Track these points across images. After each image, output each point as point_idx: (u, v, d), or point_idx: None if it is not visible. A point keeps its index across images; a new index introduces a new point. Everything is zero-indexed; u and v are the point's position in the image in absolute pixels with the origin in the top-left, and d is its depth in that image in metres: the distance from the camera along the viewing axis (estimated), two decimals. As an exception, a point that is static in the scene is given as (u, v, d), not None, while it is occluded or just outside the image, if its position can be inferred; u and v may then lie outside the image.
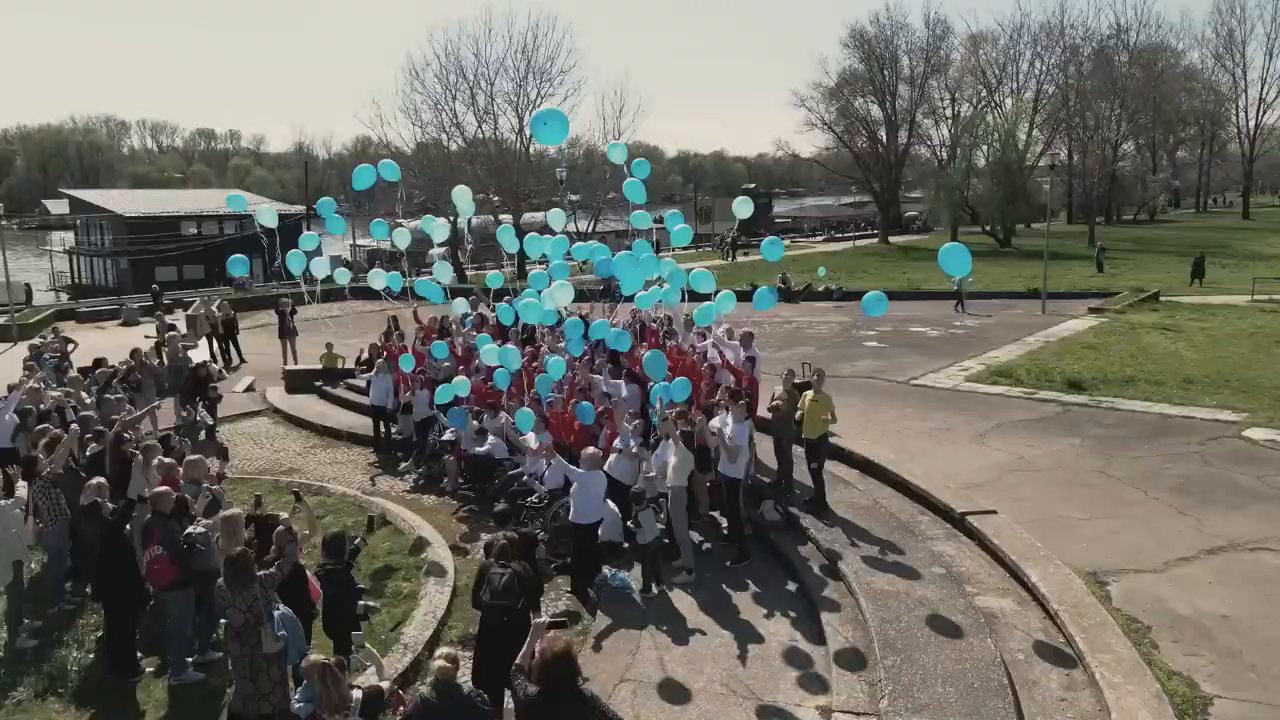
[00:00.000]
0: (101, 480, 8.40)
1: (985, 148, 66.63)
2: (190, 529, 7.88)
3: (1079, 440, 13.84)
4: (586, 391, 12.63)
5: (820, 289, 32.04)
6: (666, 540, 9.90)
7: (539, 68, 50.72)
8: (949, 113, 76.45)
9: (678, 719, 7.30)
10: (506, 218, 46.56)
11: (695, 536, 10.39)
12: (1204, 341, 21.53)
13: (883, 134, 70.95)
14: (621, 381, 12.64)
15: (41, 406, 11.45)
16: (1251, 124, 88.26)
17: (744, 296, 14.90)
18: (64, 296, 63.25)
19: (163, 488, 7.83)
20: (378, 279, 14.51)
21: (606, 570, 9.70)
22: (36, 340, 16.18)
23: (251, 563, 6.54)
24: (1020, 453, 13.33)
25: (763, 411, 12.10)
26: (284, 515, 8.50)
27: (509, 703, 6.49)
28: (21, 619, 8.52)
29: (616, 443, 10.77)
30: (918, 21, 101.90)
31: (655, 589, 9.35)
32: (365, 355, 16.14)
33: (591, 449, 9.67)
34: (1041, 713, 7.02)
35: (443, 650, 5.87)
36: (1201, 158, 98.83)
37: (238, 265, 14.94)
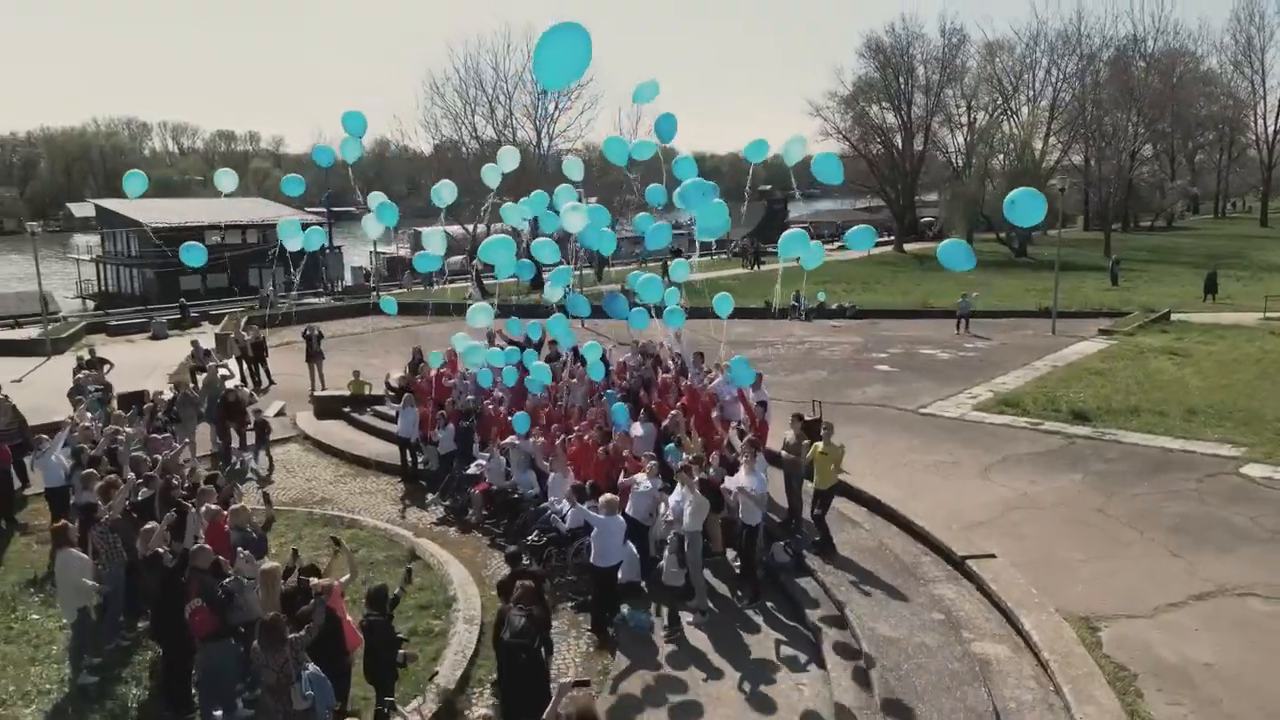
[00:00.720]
0: (160, 527, 9.03)
1: (1001, 156, 66.80)
2: (226, 581, 8.49)
3: (1081, 476, 14.31)
4: (605, 427, 13.23)
5: (834, 306, 32.50)
6: (682, 582, 10.48)
7: (557, 81, 51.25)
8: (965, 119, 76.65)
9: (691, 760, 7.88)
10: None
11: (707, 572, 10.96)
12: (1211, 367, 21.88)
13: (898, 140, 71.17)
14: (638, 421, 13.23)
15: (92, 448, 12.14)
16: (1270, 130, 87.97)
17: (759, 314, 15.24)
18: (90, 304, 64.55)
19: (203, 545, 8.43)
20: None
21: (625, 609, 10.27)
22: (79, 375, 16.83)
23: (283, 626, 7.17)
24: (1023, 489, 13.82)
25: (773, 443, 12.63)
26: (323, 566, 9.13)
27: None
28: (83, 656, 9.18)
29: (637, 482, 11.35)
30: (933, 31, 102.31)
31: (675, 629, 9.92)
32: (395, 385, 16.66)
33: (609, 495, 10.24)
34: (1030, 759, 7.56)
35: (480, 711, 6.45)
36: (1220, 163, 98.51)
37: (192, 254, 13.53)
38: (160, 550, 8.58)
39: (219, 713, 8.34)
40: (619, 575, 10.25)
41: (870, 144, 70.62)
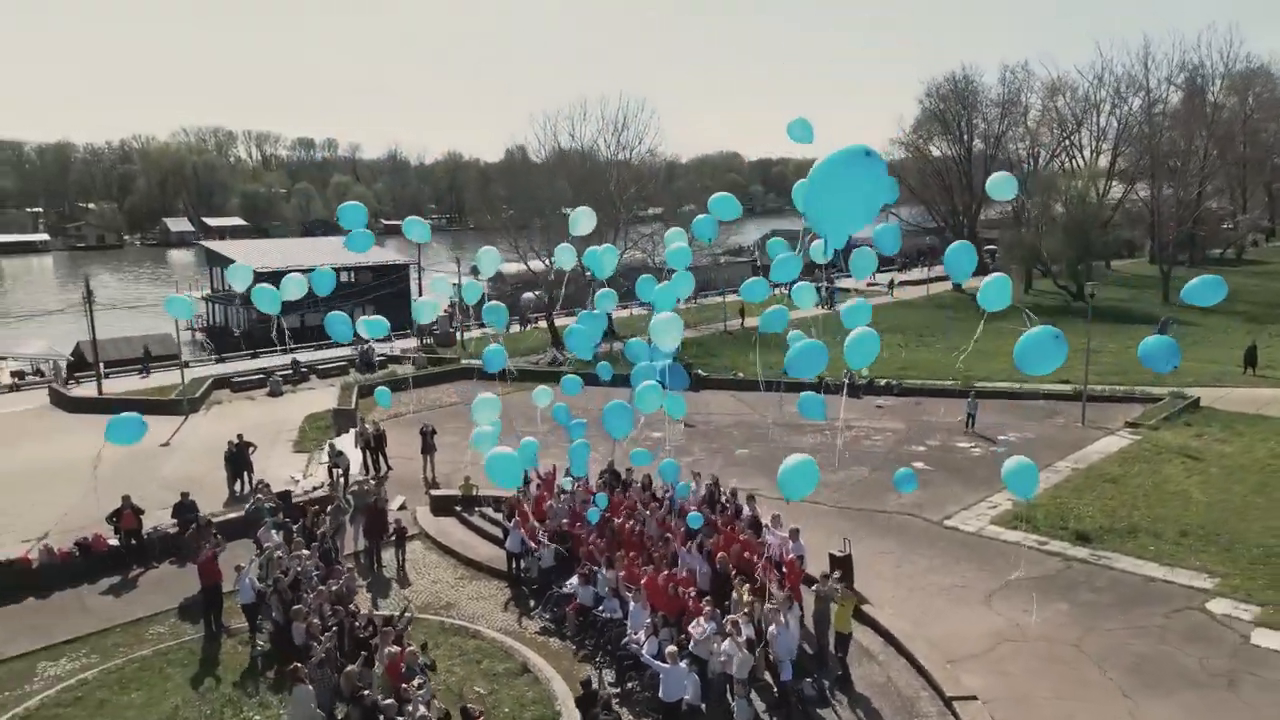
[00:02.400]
0: (357, 670, 12.78)
1: (1061, 199, 68.16)
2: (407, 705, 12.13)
3: (1068, 606, 17.20)
4: (672, 557, 16.70)
5: (882, 384, 35.34)
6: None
7: (628, 144, 55.18)
8: (1026, 154, 78.04)
9: None
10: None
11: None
12: (1217, 476, 24.26)
13: (959, 174, 72.93)
14: (701, 558, 16.64)
15: (284, 575, 16.00)
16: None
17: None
18: (199, 335, 70.34)
19: (390, 701, 12.06)
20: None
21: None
22: (256, 497, 20.70)
23: None
24: (1017, 618, 16.77)
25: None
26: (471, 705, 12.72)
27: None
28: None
29: (695, 626, 14.72)
30: (993, 79, 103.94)
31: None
32: (505, 511, 20.19)
33: (672, 647, 13.64)
34: None
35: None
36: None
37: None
38: (365, 692, 12.27)
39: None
40: (683, 704, 13.65)
41: (929, 186, 72.65)
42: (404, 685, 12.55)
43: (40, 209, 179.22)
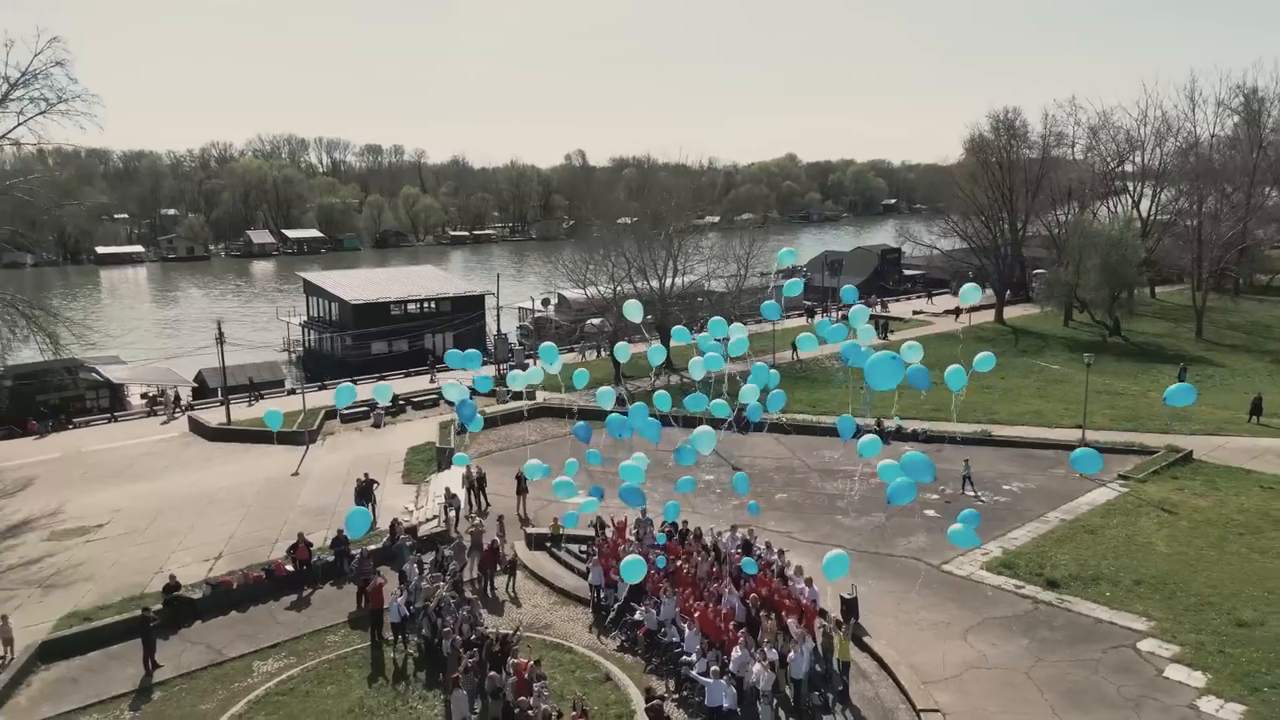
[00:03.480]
0: (499, 677, 18.31)
1: (1098, 242, 71.24)
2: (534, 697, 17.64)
3: (1028, 642, 22.00)
4: (718, 596, 22.00)
5: (909, 431, 39.95)
6: None
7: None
8: (1070, 188, 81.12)
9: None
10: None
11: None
12: (1184, 529, 28.63)
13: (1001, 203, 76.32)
14: (738, 595, 21.92)
15: (429, 601, 21.67)
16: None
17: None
18: (293, 355, 77.41)
19: (523, 698, 17.56)
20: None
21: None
22: (399, 538, 26.48)
23: None
24: (985, 650, 21.66)
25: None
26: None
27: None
28: (457, 738, 18.53)
29: (736, 650, 19.97)
30: (1035, 119, 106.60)
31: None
32: (590, 550, 25.71)
33: (716, 667, 18.90)
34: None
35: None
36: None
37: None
38: (504, 692, 17.83)
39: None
40: (723, 709, 18.91)
41: (970, 220, 76.26)
42: (535, 685, 18.07)
43: (125, 216, 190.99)
